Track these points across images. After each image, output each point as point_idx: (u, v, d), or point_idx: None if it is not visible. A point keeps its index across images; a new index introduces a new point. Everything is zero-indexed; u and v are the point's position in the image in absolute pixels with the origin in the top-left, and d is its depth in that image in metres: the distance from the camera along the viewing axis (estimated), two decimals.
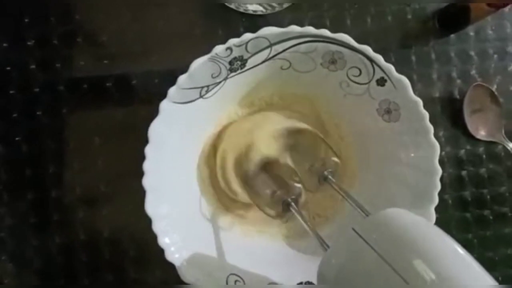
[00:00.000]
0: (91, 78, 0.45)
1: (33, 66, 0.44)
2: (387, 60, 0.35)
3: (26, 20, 0.44)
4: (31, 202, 0.44)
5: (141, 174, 0.34)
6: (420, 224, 0.26)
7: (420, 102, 0.35)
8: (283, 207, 0.36)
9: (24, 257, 0.44)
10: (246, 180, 0.39)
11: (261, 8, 0.42)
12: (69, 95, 0.45)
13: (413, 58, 0.48)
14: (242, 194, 0.40)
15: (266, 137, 0.40)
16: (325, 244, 0.31)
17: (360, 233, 0.26)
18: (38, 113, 0.44)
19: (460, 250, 0.24)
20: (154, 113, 0.34)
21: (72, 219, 0.45)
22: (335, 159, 0.38)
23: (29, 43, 0.44)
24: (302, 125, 0.41)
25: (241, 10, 0.41)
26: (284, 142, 0.40)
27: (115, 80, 0.45)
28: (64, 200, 0.44)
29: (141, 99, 0.45)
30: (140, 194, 0.33)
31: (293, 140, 0.40)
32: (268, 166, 0.39)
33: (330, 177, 0.37)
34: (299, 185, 0.37)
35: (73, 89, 0.45)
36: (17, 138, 0.44)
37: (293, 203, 0.35)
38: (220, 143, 0.41)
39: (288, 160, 0.40)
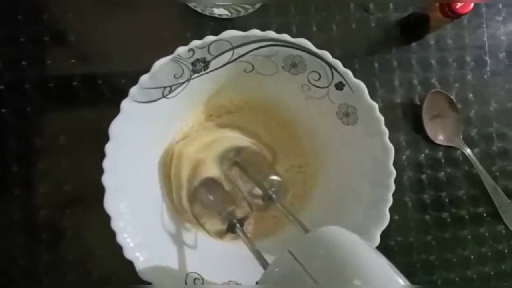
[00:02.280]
0: (58, 77, 0.45)
1: None
2: (351, 66, 0.36)
3: None
4: None
5: None
6: (355, 243, 0.26)
7: (375, 106, 0.36)
8: (228, 227, 0.36)
9: None
10: (194, 197, 0.40)
11: (226, 12, 0.43)
12: (35, 94, 0.45)
13: (376, 64, 0.49)
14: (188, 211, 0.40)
15: (215, 157, 0.40)
16: (265, 262, 0.31)
17: (295, 254, 0.26)
18: (2, 110, 0.44)
19: (392, 270, 0.24)
20: (118, 113, 0.34)
21: (35, 219, 0.44)
22: (276, 177, 0.38)
23: None
24: (246, 144, 0.42)
25: (207, 13, 0.42)
26: (231, 161, 0.41)
27: (81, 80, 0.45)
28: (27, 200, 0.44)
29: (107, 99, 0.45)
30: (104, 194, 0.34)
31: (240, 158, 0.41)
32: (214, 184, 0.40)
33: (273, 196, 0.37)
34: (246, 208, 0.38)
35: (39, 88, 0.45)
36: None
37: (238, 224, 0.36)
38: (176, 156, 0.41)
39: (236, 179, 0.40)
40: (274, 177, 0.38)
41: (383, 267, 0.24)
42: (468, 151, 0.49)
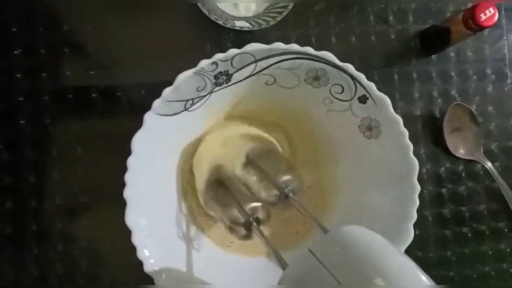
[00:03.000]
0: (77, 89, 0.45)
1: (18, 75, 0.44)
2: (370, 78, 0.36)
3: (13, 29, 0.45)
4: (8, 212, 0.44)
5: (121, 185, 0.34)
6: (376, 241, 0.26)
7: (400, 120, 0.36)
8: (246, 227, 0.35)
9: None
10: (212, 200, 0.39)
11: (247, 25, 0.42)
12: (53, 105, 0.45)
13: (396, 76, 0.49)
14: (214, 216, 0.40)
15: (218, 145, 0.40)
16: (284, 263, 0.30)
17: (315, 253, 0.26)
18: (21, 122, 0.44)
19: (416, 268, 0.24)
20: (138, 125, 0.34)
21: (50, 230, 0.44)
22: (289, 177, 0.38)
23: (15, 51, 0.44)
24: (261, 133, 0.41)
25: (229, 26, 0.42)
26: (241, 153, 0.41)
27: (100, 91, 0.45)
28: (43, 210, 0.44)
29: (125, 111, 0.45)
30: (120, 205, 0.33)
31: (255, 155, 0.40)
32: (228, 184, 0.39)
33: (291, 195, 0.36)
34: (257, 204, 0.36)
35: (57, 99, 0.45)
36: None
37: (254, 223, 0.35)
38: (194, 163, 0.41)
39: (240, 172, 0.40)
40: (288, 177, 0.37)
41: (407, 266, 0.24)
42: (489, 164, 0.48)
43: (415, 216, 0.36)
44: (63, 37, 0.45)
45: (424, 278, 0.23)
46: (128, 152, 0.34)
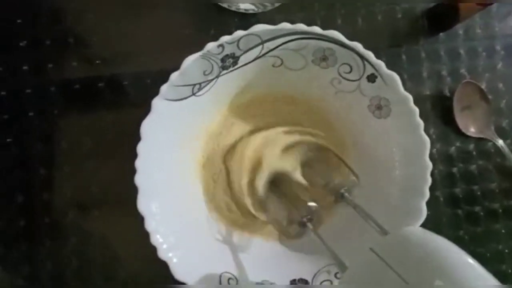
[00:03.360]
0: (83, 79, 0.45)
1: (25, 67, 0.44)
2: (378, 59, 0.36)
3: (18, 21, 0.44)
4: (20, 205, 0.44)
5: (133, 174, 0.34)
6: (438, 243, 0.26)
7: (410, 97, 0.36)
8: (299, 227, 0.35)
9: (12, 262, 0.43)
10: (260, 201, 0.39)
11: (252, 7, 0.42)
12: (60, 97, 0.44)
13: (404, 57, 0.48)
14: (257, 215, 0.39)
15: (278, 152, 0.39)
16: (342, 264, 0.31)
17: (380, 254, 0.26)
18: (30, 114, 0.44)
19: (480, 269, 0.24)
20: (146, 113, 0.34)
21: (62, 222, 0.44)
22: (353, 177, 0.37)
23: (21, 44, 0.44)
24: (319, 141, 0.41)
25: (233, 9, 0.41)
26: (296, 158, 0.40)
27: (107, 81, 0.45)
28: (54, 203, 0.44)
29: (133, 100, 0.45)
30: (132, 195, 0.33)
31: (306, 156, 0.40)
32: (279, 183, 0.39)
33: (347, 194, 0.36)
34: (314, 204, 0.36)
35: (64, 90, 0.45)
36: (8, 140, 0.44)
37: (309, 223, 0.35)
38: (230, 159, 0.41)
39: (300, 176, 0.39)
40: (342, 178, 0.37)
41: (472, 267, 0.24)
42: (500, 142, 0.48)
43: (427, 194, 0.36)
44: (68, 28, 0.45)
45: (489, 277, 0.23)
46: (137, 140, 0.34)
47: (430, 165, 0.36)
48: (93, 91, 0.45)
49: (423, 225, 0.43)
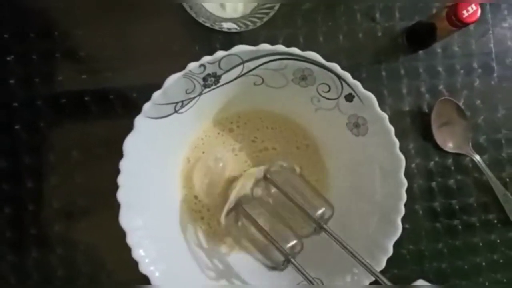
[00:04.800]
0: (70, 93, 0.46)
1: (12, 81, 0.45)
2: (358, 76, 0.37)
3: (5, 36, 0.45)
4: (7, 217, 0.44)
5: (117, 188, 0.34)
6: None
7: (386, 117, 0.37)
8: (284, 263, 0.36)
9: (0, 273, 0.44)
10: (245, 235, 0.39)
11: (235, 26, 0.43)
12: (48, 110, 0.45)
13: (384, 73, 0.49)
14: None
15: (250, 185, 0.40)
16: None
17: None
18: (16, 127, 0.45)
19: None
20: (132, 127, 0.35)
21: (49, 234, 0.45)
22: (324, 209, 0.37)
23: (8, 58, 0.45)
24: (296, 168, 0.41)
25: (216, 28, 0.43)
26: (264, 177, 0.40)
27: (93, 95, 0.46)
28: (41, 214, 0.45)
29: (119, 114, 0.46)
30: (117, 208, 0.34)
31: (275, 177, 0.40)
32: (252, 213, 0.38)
33: (325, 226, 0.36)
34: (294, 241, 0.36)
35: (52, 104, 0.45)
36: None
37: (292, 260, 0.35)
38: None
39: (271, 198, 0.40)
40: (322, 209, 0.37)
41: None
42: (477, 157, 0.49)
43: (402, 211, 0.37)
44: (55, 42, 0.46)
45: None
46: (121, 154, 0.34)
47: (405, 182, 0.37)
48: (80, 105, 0.46)
49: (404, 239, 0.44)
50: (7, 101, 0.45)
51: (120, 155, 0.34)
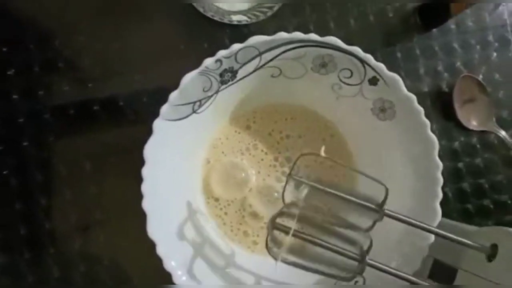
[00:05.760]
0: (77, 103, 0.44)
1: (15, 96, 0.43)
2: (374, 59, 0.35)
3: (4, 50, 0.43)
4: (24, 237, 0.42)
5: (136, 196, 0.33)
6: None
7: (414, 98, 0.35)
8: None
9: None
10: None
11: (245, 18, 0.41)
12: (55, 123, 0.43)
13: (399, 55, 0.48)
14: None
15: None
16: None
17: None
18: (24, 144, 0.43)
19: None
20: (145, 133, 0.33)
21: (69, 250, 0.43)
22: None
23: (9, 72, 0.43)
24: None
25: (226, 21, 0.41)
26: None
27: (102, 103, 0.44)
28: (59, 231, 0.43)
29: (130, 120, 0.44)
30: (138, 217, 0.32)
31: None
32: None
33: (387, 210, 0.31)
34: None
35: (59, 116, 0.44)
36: (4, 172, 0.43)
37: (370, 261, 0.30)
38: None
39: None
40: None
41: None
42: (503, 133, 0.48)
43: (440, 195, 0.35)
44: (56, 52, 0.44)
45: None
46: (138, 161, 0.33)
47: (440, 164, 0.35)
48: (88, 115, 0.44)
49: None
50: (12, 117, 0.43)
51: (134, 162, 0.33)
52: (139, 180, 0.33)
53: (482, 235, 0.34)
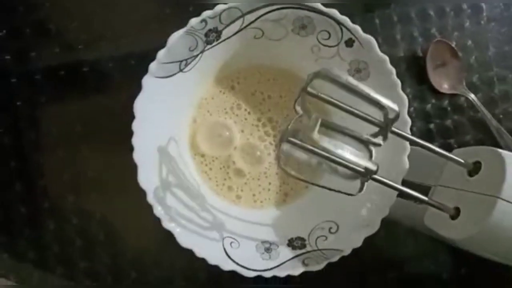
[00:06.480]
0: (67, 65, 0.45)
1: (7, 57, 0.44)
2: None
3: None
4: (19, 193, 0.45)
5: (128, 154, 0.35)
6: None
7: (386, 58, 0.38)
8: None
9: (18, 249, 0.45)
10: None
11: None
12: (47, 84, 0.45)
13: (377, 21, 0.50)
14: None
15: None
16: None
17: None
18: (18, 103, 0.44)
19: None
20: (133, 94, 0.35)
21: (63, 206, 0.45)
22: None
23: (0, 34, 0.44)
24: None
25: None
26: None
27: (91, 65, 0.46)
28: (52, 188, 0.45)
29: (119, 82, 0.46)
30: (129, 174, 0.35)
31: None
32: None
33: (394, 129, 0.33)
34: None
35: (50, 77, 0.45)
36: None
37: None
38: None
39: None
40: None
41: None
42: (472, 96, 0.51)
43: (408, 148, 0.38)
44: (46, 14, 0.45)
45: None
46: (127, 121, 0.35)
47: (409, 121, 0.38)
48: (78, 76, 0.46)
49: (404, 177, 0.45)
50: (5, 77, 0.45)
51: (123, 122, 0.35)
52: (129, 138, 0.35)
53: (463, 154, 0.37)
